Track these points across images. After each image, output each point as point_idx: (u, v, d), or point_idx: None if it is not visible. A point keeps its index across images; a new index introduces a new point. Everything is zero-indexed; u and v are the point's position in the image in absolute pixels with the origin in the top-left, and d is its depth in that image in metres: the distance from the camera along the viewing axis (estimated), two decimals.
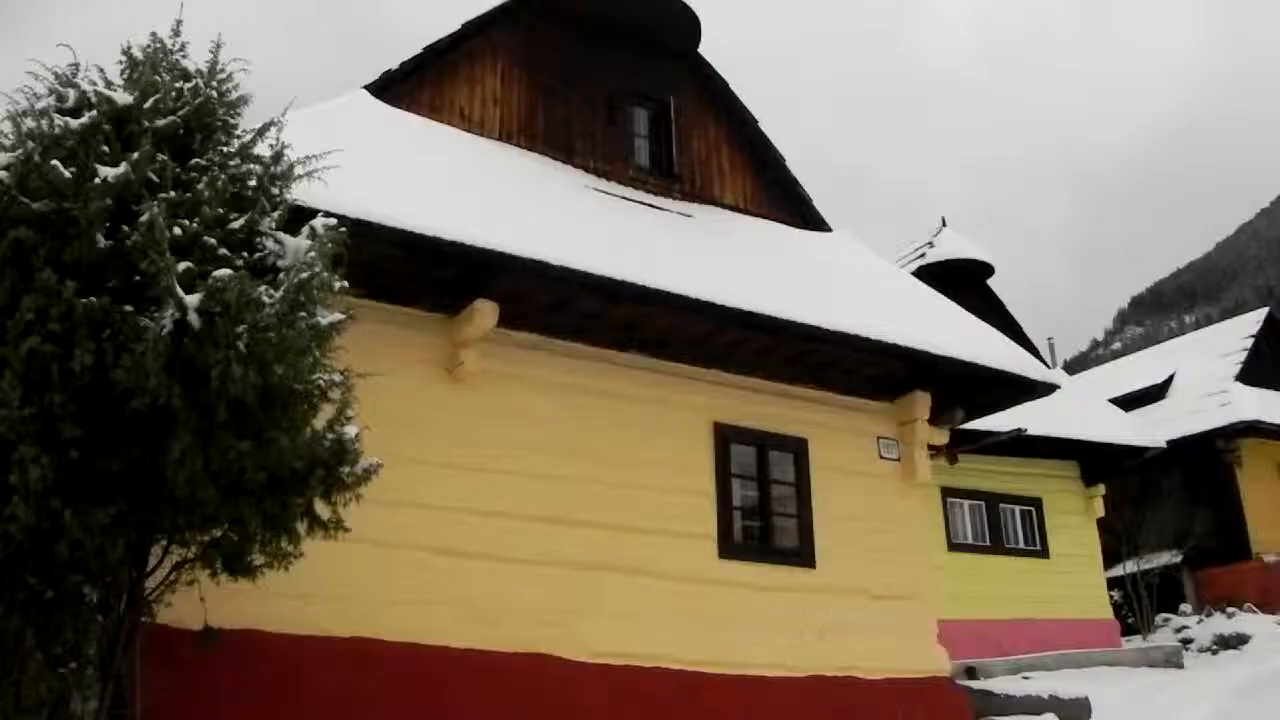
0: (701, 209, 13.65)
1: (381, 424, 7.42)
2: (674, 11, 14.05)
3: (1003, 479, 20.43)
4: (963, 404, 13.36)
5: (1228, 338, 31.99)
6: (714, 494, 11.45)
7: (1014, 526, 20.84)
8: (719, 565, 11.22)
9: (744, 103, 14.77)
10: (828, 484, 12.23)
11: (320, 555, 6.81)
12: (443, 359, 10.20)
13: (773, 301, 11.11)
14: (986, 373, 12.66)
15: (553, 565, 10.15)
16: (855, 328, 11.49)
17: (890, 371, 12.60)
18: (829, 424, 12.50)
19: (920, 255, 22.60)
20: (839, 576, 11.93)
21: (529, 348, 10.67)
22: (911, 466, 12.92)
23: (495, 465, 10.11)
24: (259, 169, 6.98)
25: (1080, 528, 21.62)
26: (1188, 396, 28.99)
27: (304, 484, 6.35)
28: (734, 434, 11.77)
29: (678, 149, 14.06)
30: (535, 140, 12.89)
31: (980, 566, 19.64)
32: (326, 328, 6.46)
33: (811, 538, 11.97)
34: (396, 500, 8.72)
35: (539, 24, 13.49)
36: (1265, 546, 26.68)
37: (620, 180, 13.22)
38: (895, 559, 12.46)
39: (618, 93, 13.84)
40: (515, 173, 11.99)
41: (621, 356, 11.20)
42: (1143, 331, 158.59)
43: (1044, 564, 20.77)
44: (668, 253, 11.34)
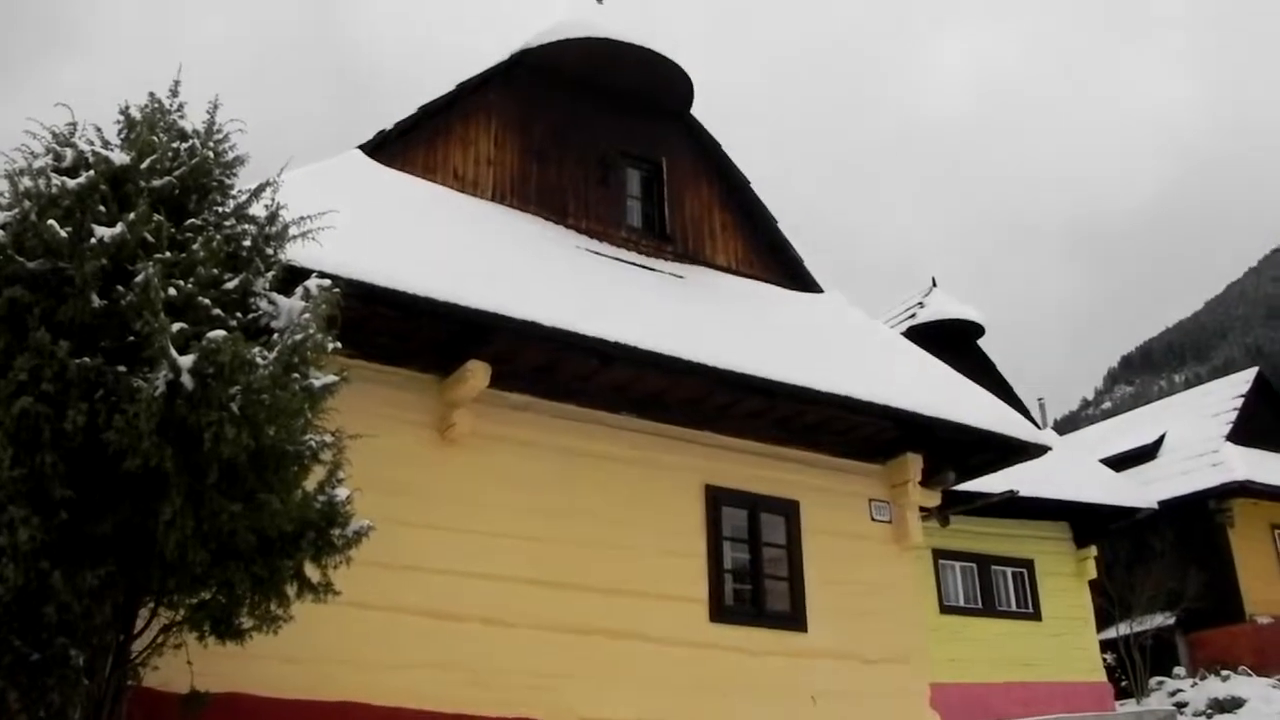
0: (694, 270, 13.69)
1: (372, 485, 7.40)
2: (667, 73, 14.16)
3: (994, 540, 20.37)
4: (954, 466, 13.34)
5: (1218, 397, 32.09)
6: (705, 557, 11.39)
7: (1006, 588, 20.75)
8: (710, 629, 11.13)
9: (736, 164, 14.87)
10: (819, 547, 12.17)
11: (308, 618, 6.77)
12: (434, 420, 10.18)
13: (764, 363, 11.12)
14: (978, 434, 12.66)
15: (543, 628, 10.07)
16: (847, 390, 11.50)
17: (882, 433, 12.59)
18: (821, 486, 12.47)
19: (911, 315, 22.67)
20: (831, 641, 11.85)
21: (521, 409, 10.66)
22: (904, 529, 12.88)
23: (486, 527, 10.06)
24: (254, 229, 7.01)
25: (1072, 589, 21.53)
26: (1179, 457, 29.03)
27: (294, 546, 6.33)
28: (725, 496, 11.73)
29: (670, 210, 14.13)
30: (528, 201, 12.95)
31: (972, 629, 19.55)
32: (319, 389, 6.47)
33: (803, 601, 11.89)
34: (386, 563, 8.66)
35: (532, 85, 13.59)
36: (1259, 608, 26.61)
37: (613, 241, 13.26)
38: (887, 622, 12.38)
39: (611, 154, 13.92)
40: (508, 234, 12.03)
41: (613, 418, 11.18)
42: (1133, 391, 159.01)
43: (1036, 626, 20.66)
44: (660, 314, 11.37)
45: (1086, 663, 21.12)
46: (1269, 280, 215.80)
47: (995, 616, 20.25)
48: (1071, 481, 21.15)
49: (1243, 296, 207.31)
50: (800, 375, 11.28)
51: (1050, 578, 21.17)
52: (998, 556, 20.58)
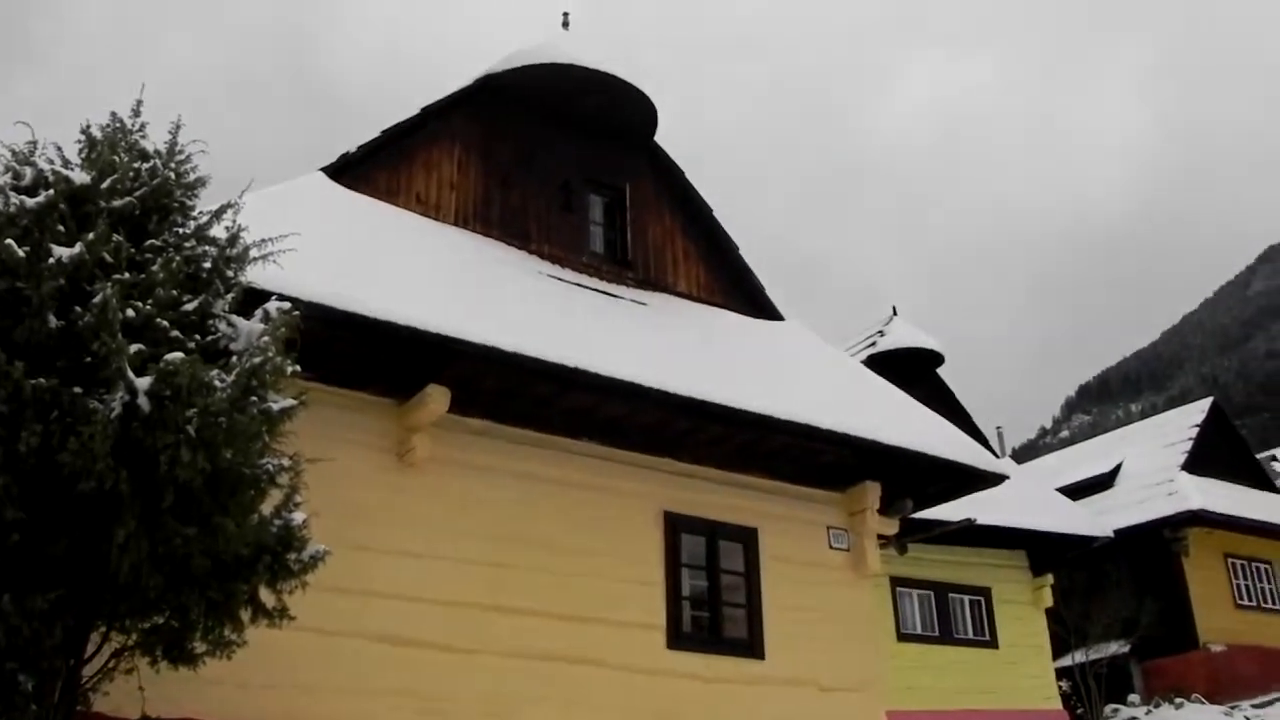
0: (655, 297, 13.72)
1: (330, 510, 7.38)
2: (631, 100, 14.21)
3: (952, 569, 20.47)
4: (912, 494, 13.42)
5: (1174, 427, 32.44)
6: (663, 583, 11.38)
7: (963, 616, 20.84)
8: (668, 656, 11.12)
9: (699, 191, 14.93)
10: (777, 574, 12.19)
11: (263, 643, 6.73)
12: (393, 444, 10.13)
13: (724, 391, 11.16)
14: (936, 463, 12.72)
15: (501, 655, 10.02)
16: (806, 418, 11.55)
17: (841, 461, 12.61)
18: (779, 513, 12.49)
19: (871, 344, 22.80)
20: (789, 668, 11.85)
21: (480, 434, 10.63)
22: (862, 556, 12.92)
23: (444, 552, 10.01)
24: (214, 251, 6.98)
25: (1029, 617, 21.65)
26: (1135, 486, 29.30)
27: (250, 570, 6.29)
28: (684, 523, 11.73)
29: (632, 237, 14.16)
30: (491, 226, 12.94)
31: (929, 657, 19.61)
32: (278, 413, 6.44)
33: (761, 628, 11.90)
34: (343, 587, 8.65)
35: (496, 111, 13.61)
36: (1212, 636, 26.85)
37: (575, 267, 13.28)
38: (845, 650, 12.41)
39: (574, 180, 13.95)
40: (470, 258, 12.03)
41: (573, 444, 11.16)
42: (1090, 420, 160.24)
43: (993, 654, 20.75)
44: (621, 340, 11.38)
45: (1042, 691, 21.23)
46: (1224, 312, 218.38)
47: (952, 644, 20.32)
48: (1029, 510, 21.30)
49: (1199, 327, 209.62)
50: (760, 403, 11.32)
51: (1007, 606, 21.28)
52: (955, 584, 20.67)
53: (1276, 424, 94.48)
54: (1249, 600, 28.72)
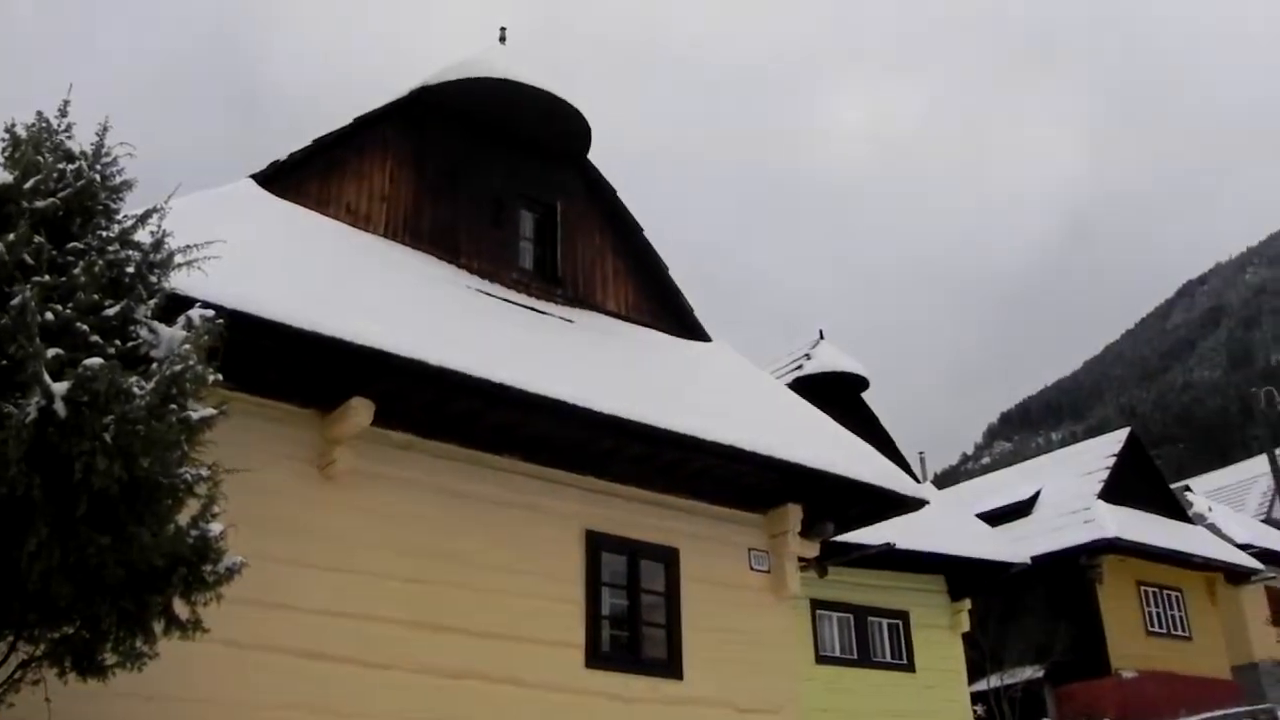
0: (583, 314, 13.74)
1: (248, 521, 7.29)
2: (565, 117, 14.25)
3: (871, 592, 20.61)
4: (834, 517, 13.51)
5: (1092, 456, 33.08)
6: (583, 602, 11.34)
7: (881, 640, 20.98)
8: (585, 675, 11.08)
9: (630, 210, 14.98)
10: (698, 595, 12.21)
11: (174, 655, 6.62)
12: (315, 456, 10.02)
13: (649, 410, 11.18)
14: (858, 487, 12.82)
15: (418, 672, 9.92)
16: (730, 439, 11.59)
17: (763, 483, 12.66)
18: (701, 534, 12.52)
19: (798, 367, 22.96)
20: (707, 689, 11.87)
21: (403, 448, 10.56)
22: (782, 578, 12.97)
23: (363, 567, 9.91)
24: (138, 256, 6.86)
25: (946, 642, 21.84)
26: (1052, 513, 29.83)
27: (164, 582, 6.18)
28: (605, 542, 11.72)
29: (563, 254, 14.18)
30: (421, 239, 12.90)
31: (847, 680, 19.73)
32: (197, 421, 6.35)
33: (680, 649, 11.90)
34: (259, 600, 8.55)
35: (429, 123, 13.58)
36: (1123, 662, 27.40)
37: (504, 282, 13.26)
38: (763, 671, 12.45)
39: (505, 195, 13.95)
40: (399, 271, 11.97)
41: (496, 460, 11.11)
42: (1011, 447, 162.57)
43: (909, 678, 20.91)
44: (547, 358, 11.38)
45: (957, 714, 21.40)
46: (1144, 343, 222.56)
47: (870, 667, 20.45)
48: (948, 536, 21.53)
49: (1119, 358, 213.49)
50: (685, 423, 11.35)
51: (925, 630, 21.47)
52: (874, 608, 20.82)
53: (1191, 455, 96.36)
54: (1160, 627, 29.35)
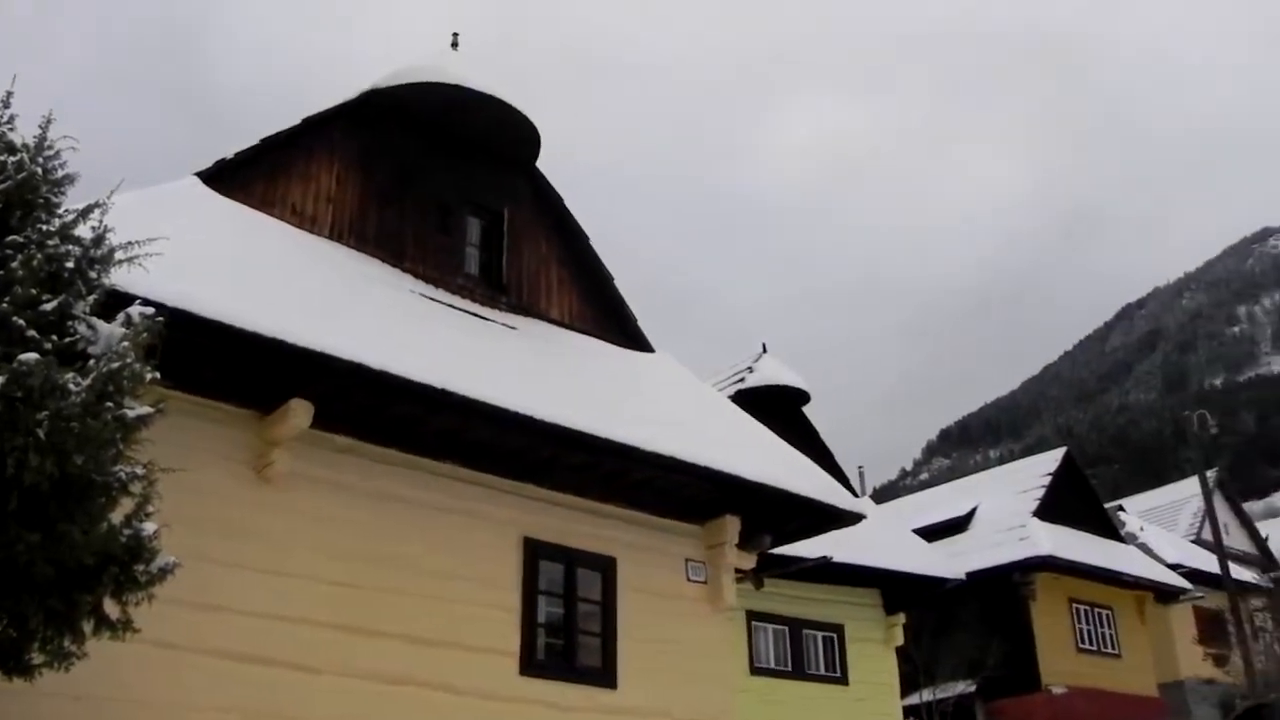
0: (527, 322, 13.74)
1: (182, 521, 7.26)
2: (514, 124, 14.24)
3: (807, 605, 20.72)
4: (771, 530, 13.61)
5: (1028, 474, 33.43)
6: (519, 610, 11.34)
7: (816, 652, 21.08)
8: (520, 683, 11.07)
9: (577, 219, 15.00)
10: (634, 604, 12.24)
11: (104, 656, 6.56)
12: (252, 457, 9.96)
13: (590, 419, 11.21)
14: (796, 500, 12.91)
15: (350, 676, 9.87)
16: (670, 450, 11.63)
17: (702, 494, 12.71)
18: (639, 544, 12.56)
19: (740, 380, 23.03)
20: (641, 698, 11.90)
21: (343, 451, 10.51)
22: (718, 590, 13.03)
23: (299, 570, 9.84)
24: (78, 250, 6.80)
25: (880, 655, 21.99)
26: (988, 530, 30.10)
27: (95, 581, 6.12)
28: (543, 550, 11.73)
29: (508, 261, 14.17)
30: (366, 242, 12.84)
31: (781, 691, 19.80)
32: (133, 420, 6.30)
33: (615, 658, 11.93)
34: (193, 601, 8.52)
35: (379, 126, 13.54)
36: (1054, 678, 27.72)
37: (449, 288, 13.23)
38: (698, 682, 12.50)
39: (453, 200, 13.92)
40: (343, 273, 11.92)
41: (436, 465, 11.09)
42: (949, 464, 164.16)
43: (843, 691, 21.03)
44: (490, 364, 11.38)
45: None
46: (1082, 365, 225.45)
47: (804, 680, 20.54)
48: (884, 550, 21.69)
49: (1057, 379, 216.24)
50: (625, 433, 11.39)
51: (859, 643, 21.60)
52: (809, 620, 20.93)
53: (1126, 475, 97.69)
54: (1090, 644, 29.72)
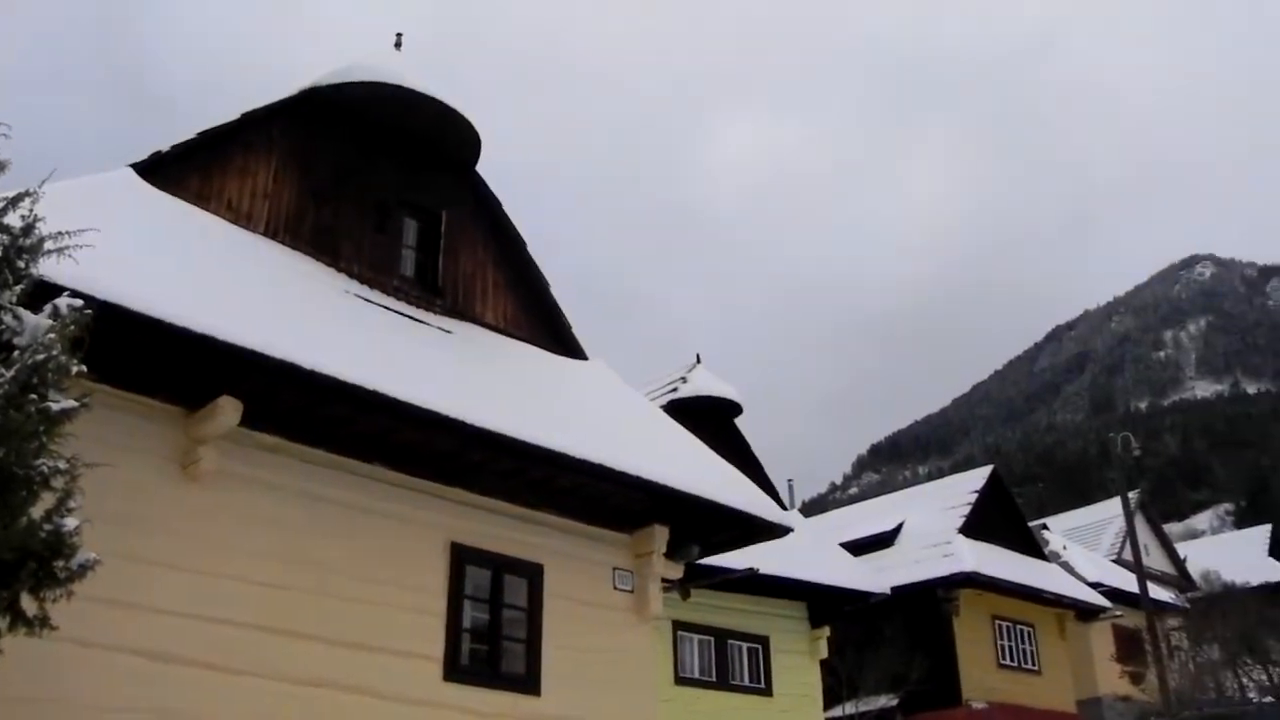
0: (462, 326, 13.71)
1: (105, 517, 7.18)
2: (455, 126, 14.22)
3: (733, 616, 20.85)
4: (699, 540, 13.65)
5: (955, 491, 33.89)
6: (444, 615, 11.26)
7: (741, 663, 21.21)
8: (443, 688, 10.99)
9: (515, 225, 15.00)
10: (560, 612, 12.22)
11: (22, 653, 6.47)
12: (179, 454, 9.80)
13: (521, 425, 11.18)
14: (724, 511, 12.95)
15: (271, 678, 9.74)
16: (600, 458, 11.63)
17: (631, 503, 12.73)
18: (566, 552, 12.54)
19: (673, 390, 23.12)
20: (564, 706, 11.87)
21: (270, 450, 10.40)
22: (645, 599, 13.05)
23: (222, 570, 9.71)
24: (6, 240, 6.70)
25: (804, 667, 22.18)
26: (914, 545, 30.46)
27: (12, 576, 6.03)
28: (470, 555, 11.66)
29: (444, 264, 14.14)
30: (301, 240, 12.75)
31: (705, 702, 19.90)
32: (57, 413, 6.22)
33: (539, 665, 11.89)
34: (113, 599, 8.42)
35: (318, 124, 13.46)
36: (975, 693, 28.07)
37: (384, 289, 13.17)
38: (621, 690, 12.50)
39: (390, 201, 13.87)
40: (277, 271, 11.83)
41: (364, 468, 11.00)
42: (879, 479, 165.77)
43: (766, 702, 21.17)
44: (422, 367, 11.34)
45: None
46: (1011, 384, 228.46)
47: (729, 690, 20.67)
48: (811, 563, 21.88)
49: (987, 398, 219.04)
50: (556, 440, 11.38)
51: (784, 655, 21.76)
52: (735, 631, 21.06)
53: (1051, 494, 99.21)
54: (1011, 660, 30.14)
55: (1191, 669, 31.87)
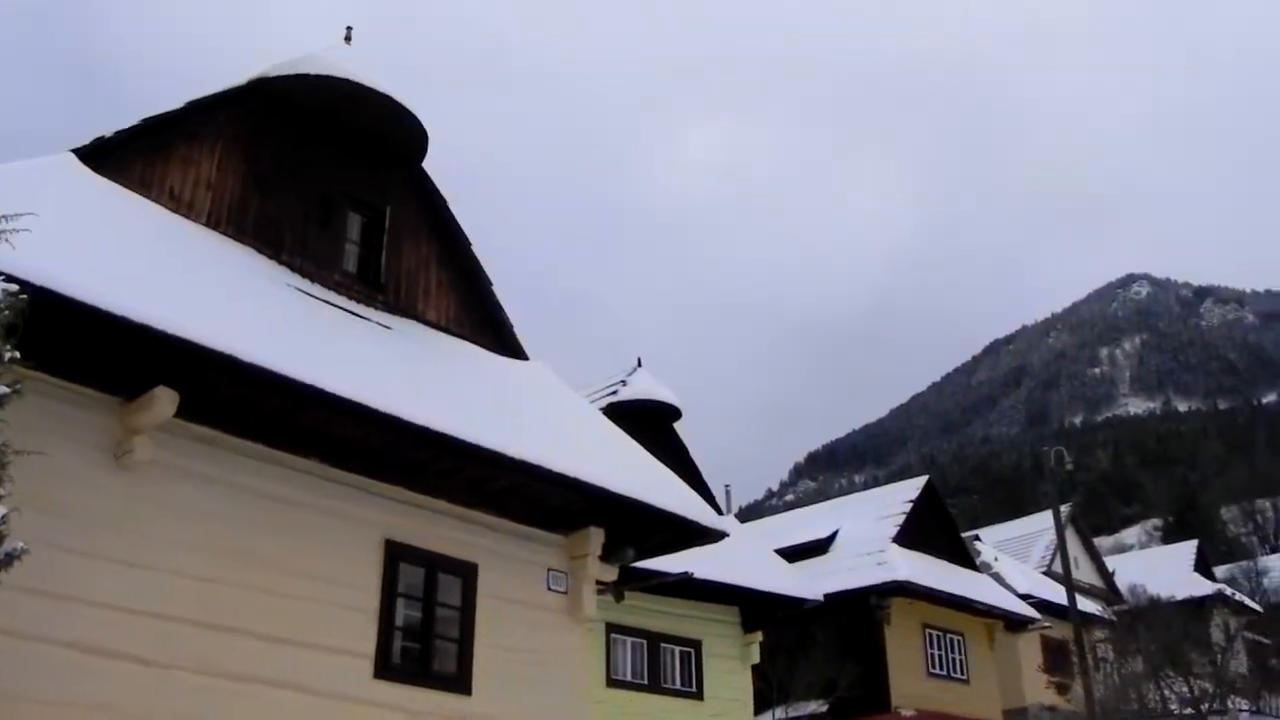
0: (403, 323, 13.67)
1: (35, 506, 7.11)
2: (403, 122, 14.16)
3: (666, 619, 20.93)
4: (634, 543, 13.68)
5: (890, 501, 34.18)
6: (377, 612, 11.20)
7: (673, 667, 21.29)
8: (373, 685, 10.93)
9: (460, 223, 14.96)
10: (494, 611, 12.20)
11: None
12: (112, 444, 9.67)
13: (459, 424, 11.15)
14: (660, 515, 12.99)
15: (201, 673, 9.64)
16: (538, 458, 11.63)
17: (567, 505, 12.72)
18: (502, 551, 12.53)
19: (613, 392, 23.17)
20: (494, 706, 11.86)
21: (206, 442, 10.30)
22: (579, 601, 13.06)
23: (154, 562, 9.60)
24: None
25: (736, 672, 22.30)
26: (848, 553, 30.70)
27: None
28: (405, 553, 11.61)
29: (387, 260, 14.09)
30: (244, 232, 12.66)
31: (636, 704, 19.96)
32: None
33: (471, 665, 11.86)
34: (42, 590, 8.34)
35: (264, 115, 13.37)
36: (904, 701, 28.35)
37: (325, 284, 13.11)
38: (553, 692, 12.51)
39: (335, 195, 13.81)
40: (218, 262, 11.74)
41: (301, 462, 10.92)
42: (815, 486, 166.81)
43: (697, 705, 21.27)
44: (362, 363, 11.28)
45: None
46: (948, 396, 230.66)
47: (660, 694, 20.74)
48: (746, 569, 22.00)
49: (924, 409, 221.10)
50: (494, 440, 11.36)
51: (716, 659, 21.87)
52: (668, 635, 21.14)
53: (985, 506, 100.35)
54: (940, 669, 30.47)
55: (1116, 680, 32.35)
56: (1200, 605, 44.69)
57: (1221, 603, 49.10)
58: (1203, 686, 27.11)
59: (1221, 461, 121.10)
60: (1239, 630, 41.11)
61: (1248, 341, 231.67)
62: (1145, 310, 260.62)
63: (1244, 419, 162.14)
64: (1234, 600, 51.77)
